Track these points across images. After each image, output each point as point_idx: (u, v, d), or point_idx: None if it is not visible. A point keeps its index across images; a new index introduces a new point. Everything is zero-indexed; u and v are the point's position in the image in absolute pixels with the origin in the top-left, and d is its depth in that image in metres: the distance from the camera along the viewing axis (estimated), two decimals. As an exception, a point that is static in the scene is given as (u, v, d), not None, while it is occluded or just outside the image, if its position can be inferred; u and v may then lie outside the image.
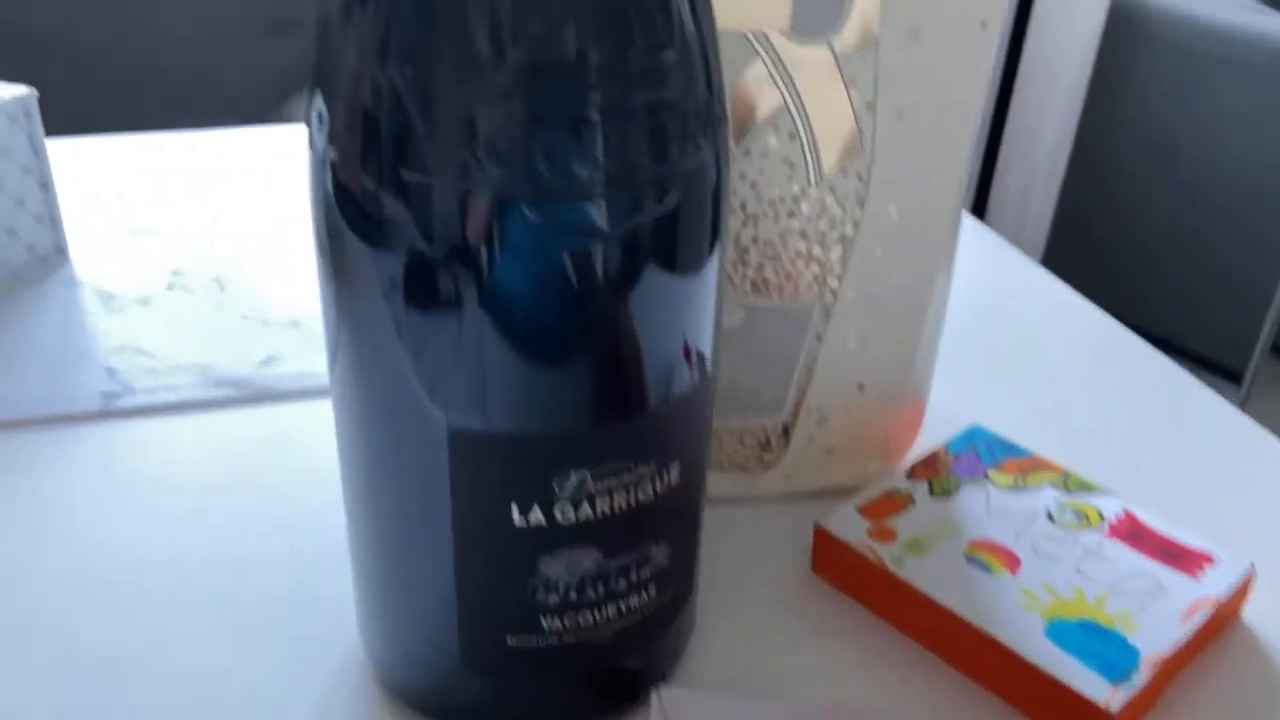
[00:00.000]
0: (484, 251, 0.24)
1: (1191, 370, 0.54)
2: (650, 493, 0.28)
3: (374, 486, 0.28)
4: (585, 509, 0.27)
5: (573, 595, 0.28)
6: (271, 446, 0.43)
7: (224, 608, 0.35)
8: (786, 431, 0.39)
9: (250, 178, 0.66)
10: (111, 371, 0.47)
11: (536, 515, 0.27)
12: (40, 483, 0.41)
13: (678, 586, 0.31)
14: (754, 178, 0.34)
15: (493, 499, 0.27)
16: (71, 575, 0.36)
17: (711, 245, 0.26)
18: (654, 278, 0.25)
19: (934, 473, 0.39)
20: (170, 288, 0.54)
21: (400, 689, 0.32)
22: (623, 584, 0.29)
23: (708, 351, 0.28)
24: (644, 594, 0.29)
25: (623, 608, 0.29)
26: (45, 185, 0.54)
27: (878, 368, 0.39)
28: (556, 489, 0.26)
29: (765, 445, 0.39)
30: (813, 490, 0.41)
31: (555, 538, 0.27)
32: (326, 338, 0.28)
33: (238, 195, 0.64)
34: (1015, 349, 0.52)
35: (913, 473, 0.39)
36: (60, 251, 0.55)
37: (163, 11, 1.37)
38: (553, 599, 0.28)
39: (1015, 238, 1.85)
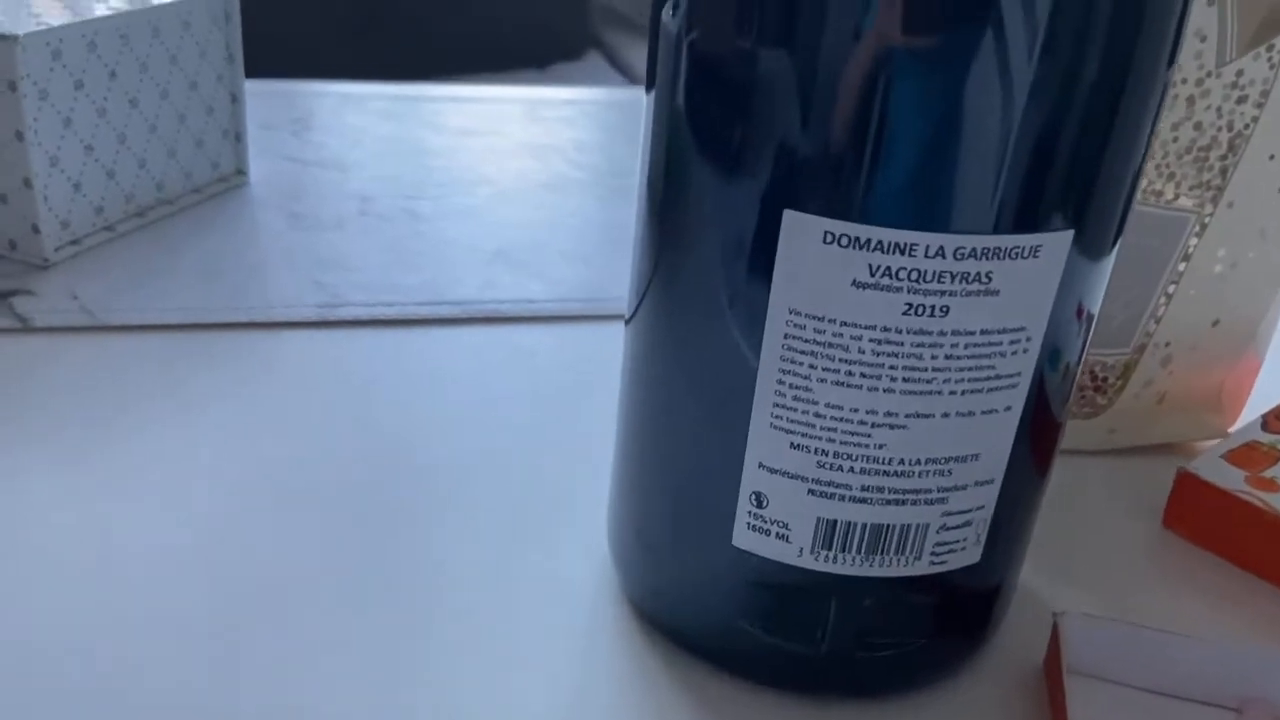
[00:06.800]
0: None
1: None
2: None
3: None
4: None
5: None
6: (506, 362, 0.38)
7: (456, 504, 0.30)
8: (1125, 372, 0.34)
9: (424, 135, 0.62)
10: (320, 285, 0.42)
11: None
12: (267, 382, 0.36)
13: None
14: (1161, 49, 0.29)
15: None
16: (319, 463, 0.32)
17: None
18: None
19: (1296, 427, 0.34)
20: (362, 214, 0.49)
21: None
22: None
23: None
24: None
25: None
26: (236, 98, 0.50)
27: (1238, 300, 0.34)
28: None
29: (1099, 386, 0.34)
30: (1134, 446, 0.36)
31: None
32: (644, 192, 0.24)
33: (418, 147, 0.60)
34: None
35: (1269, 426, 0.34)
36: (241, 173, 0.51)
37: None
38: None
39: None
